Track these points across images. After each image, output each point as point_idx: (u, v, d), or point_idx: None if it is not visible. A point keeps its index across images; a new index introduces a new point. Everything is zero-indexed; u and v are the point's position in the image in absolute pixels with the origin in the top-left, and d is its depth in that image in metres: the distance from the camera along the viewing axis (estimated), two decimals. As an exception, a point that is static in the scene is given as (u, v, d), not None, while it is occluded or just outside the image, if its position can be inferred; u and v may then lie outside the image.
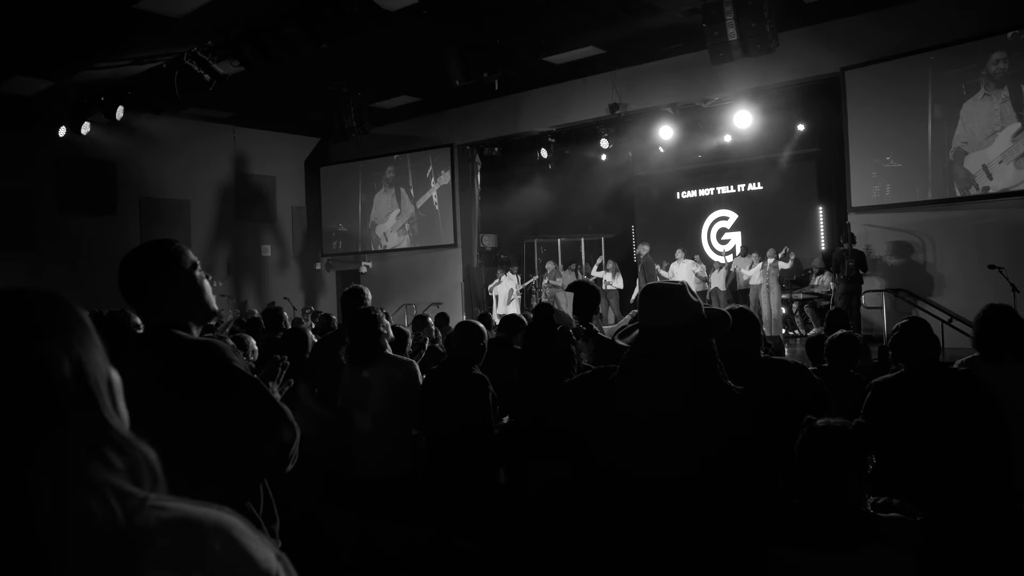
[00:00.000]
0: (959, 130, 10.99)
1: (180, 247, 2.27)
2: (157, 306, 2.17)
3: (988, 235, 10.85)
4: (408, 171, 17.50)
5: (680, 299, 2.21)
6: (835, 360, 4.50)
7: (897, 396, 3.47)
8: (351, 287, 4.81)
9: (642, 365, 2.19)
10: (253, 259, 17.73)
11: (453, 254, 17.13)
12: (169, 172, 15.81)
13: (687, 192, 17.89)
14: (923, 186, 11.33)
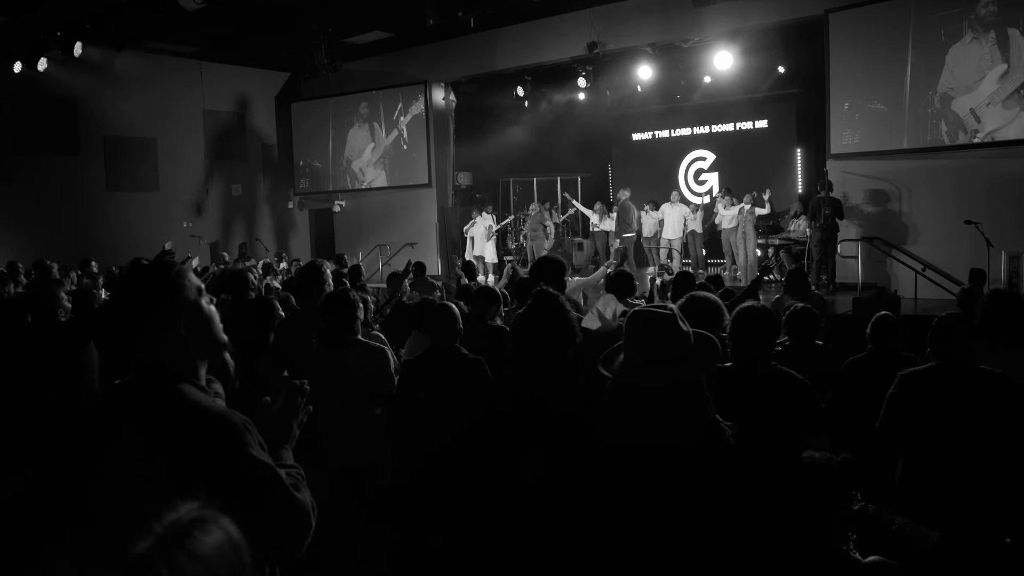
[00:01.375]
0: (945, 76, 10.85)
1: (182, 271, 1.88)
2: (155, 347, 1.80)
3: (967, 185, 10.82)
4: (380, 108, 17.08)
5: (669, 331, 2.10)
6: (796, 334, 4.44)
7: (927, 392, 3.36)
8: (309, 263, 4.61)
9: (624, 399, 2.11)
10: (224, 198, 17.37)
11: (427, 194, 16.88)
12: (133, 109, 15.30)
13: (664, 132, 17.65)
14: (903, 134, 11.24)
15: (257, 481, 1.68)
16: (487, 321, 4.53)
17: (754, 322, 2.97)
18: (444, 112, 16.78)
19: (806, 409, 2.89)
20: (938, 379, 3.35)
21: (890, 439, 3.41)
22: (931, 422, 3.30)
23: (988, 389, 3.28)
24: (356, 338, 3.80)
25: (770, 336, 2.99)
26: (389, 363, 3.79)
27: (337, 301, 3.78)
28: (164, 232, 15.76)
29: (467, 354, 3.65)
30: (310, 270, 4.39)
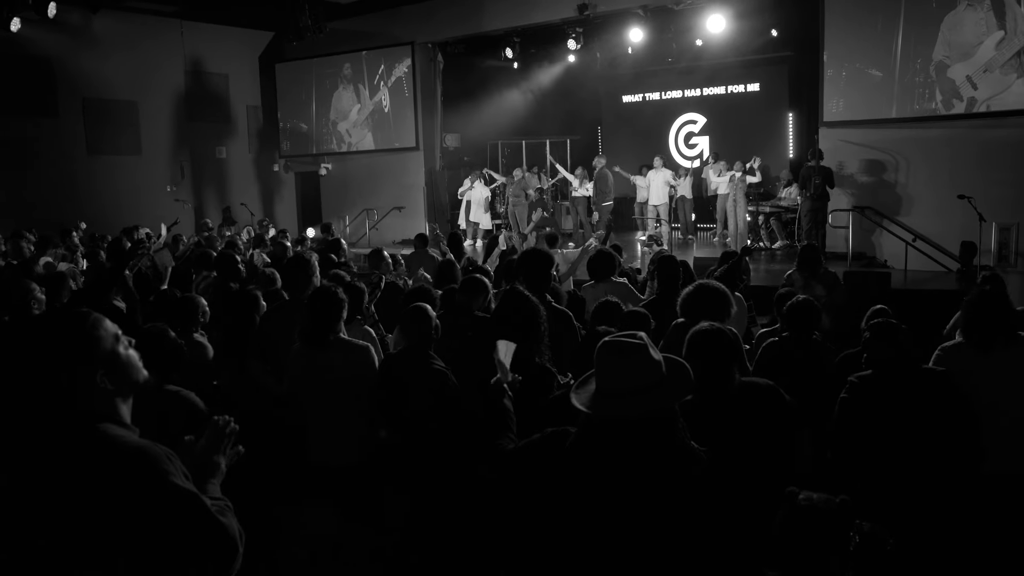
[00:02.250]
0: (940, 44, 10.70)
1: (96, 320, 1.85)
2: (71, 399, 1.78)
3: (960, 155, 10.73)
4: (364, 70, 16.75)
5: (640, 360, 2.03)
6: (794, 326, 4.39)
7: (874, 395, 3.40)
8: (295, 256, 4.49)
9: (595, 436, 2.04)
10: (208, 162, 17.08)
11: (414, 157, 16.65)
12: (114, 71, 14.93)
13: (655, 94, 17.43)
14: (897, 102, 11.09)
15: (179, 508, 1.73)
16: (474, 312, 4.43)
17: (706, 346, 2.91)
18: (431, 74, 16.47)
19: (779, 414, 2.86)
20: (883, 382, 3.44)
21: (843, 442, 3.45)
22: (880, 425, 3.37)
23: (930, 388, 3.38)
24: (339, 336, 3.71)
25: (725, 357, 2.93)
26: (372, 364, 3.71)
27: (322, 298, 3.68)
28: (147, 196, 15.56)
29: (434, 363, 3.55)
30: (298, 263, 4.28)
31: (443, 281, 6.76)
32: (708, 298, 4.28)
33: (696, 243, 15.16)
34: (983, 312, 3.75)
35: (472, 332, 4.26)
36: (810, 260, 7.07)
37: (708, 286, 4.31)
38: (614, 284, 6.10)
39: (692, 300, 4.33)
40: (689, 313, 4.37)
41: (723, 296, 4.30)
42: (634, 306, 6.13)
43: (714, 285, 4.32)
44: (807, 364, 4.22)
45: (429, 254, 9.01)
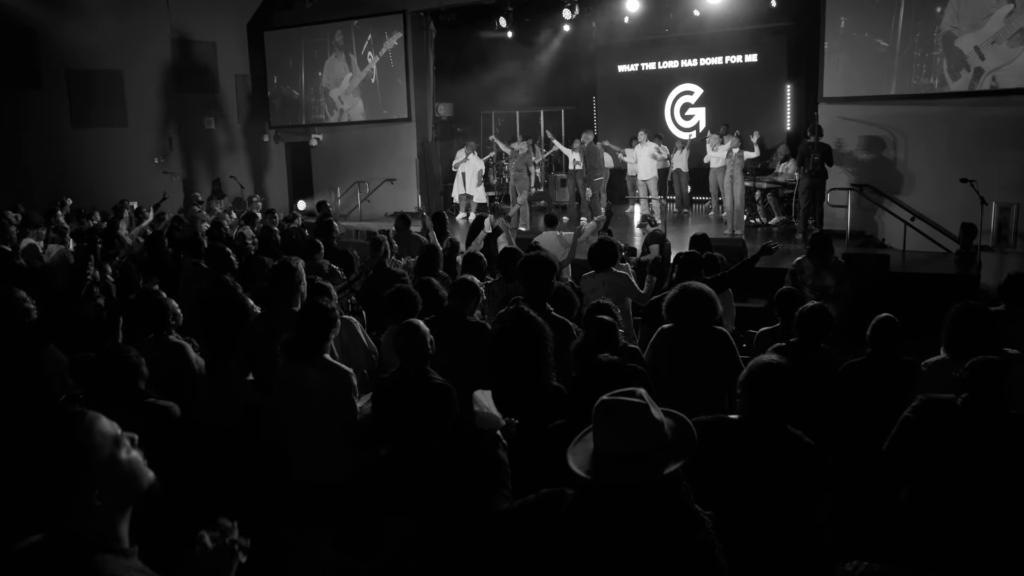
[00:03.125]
0: (948, 13, 10.47)
1: (90, 424, 1.58)
2: (63, 519, 1.54)
3: (962, 132, 10.55)
4: (354, 40, 16.38)
5: (641, 423, 1.90)
6: (805, 334, 4.25)
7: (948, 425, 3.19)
8: (283, 262, 4.30)
9: (594, 500, 1.92)
10: (196, 132, 16.75)
11: (407, 128, 16.37)
12: (98, 40, 14.50)
13: (651, 64, 17.11)
14: (898, 77, 10.87)
15: None
16: (466, 316, 4.29)
17: (772, 382, 2.75)
18: (423, 44, 16.12)
19: (812, 476, 2.70)
20: (963, 416, 3.17)
21: (900, 465, 3.27)
22: (948, 454, 3.14)
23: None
24: (323, 356, 3.57)
25: (786, 397, 2.77)
26: (351, 389, 3.56)
27: (314, 314, 3.52)
28: (135, 169, 15.28)
29: (434, 379, 3.39)
30: (284, 271, 4.10)
31: (424, 269, 6.61)
32: (693, 302, 4.15)
33: (691, 216, 15.00)
34: (965, 326, 3.61)
35: (466, 343, 4.12)
36: (822, 248, 6.90)
37: (692, 289, 4.18)
38: (615, 275, 5.97)
39: (677, 304, 4.20)
40: (675, 317, 4.24)
41: (708, 299, 4.17)
42: (634, 300, 6.03)
43: (697, 287, 4.19)
44: (815, 376, 4.08)
45: (413, 235, 8.81)
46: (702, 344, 4.15)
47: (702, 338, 4.16)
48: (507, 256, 5.75)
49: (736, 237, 10.53)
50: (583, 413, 2.16)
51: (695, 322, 4.15)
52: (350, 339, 4.35)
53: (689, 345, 4.15)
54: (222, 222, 9.35)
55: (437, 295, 4.62)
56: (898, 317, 8.35)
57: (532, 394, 3.09)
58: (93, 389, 3.44)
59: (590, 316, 4.20)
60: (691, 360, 4.13)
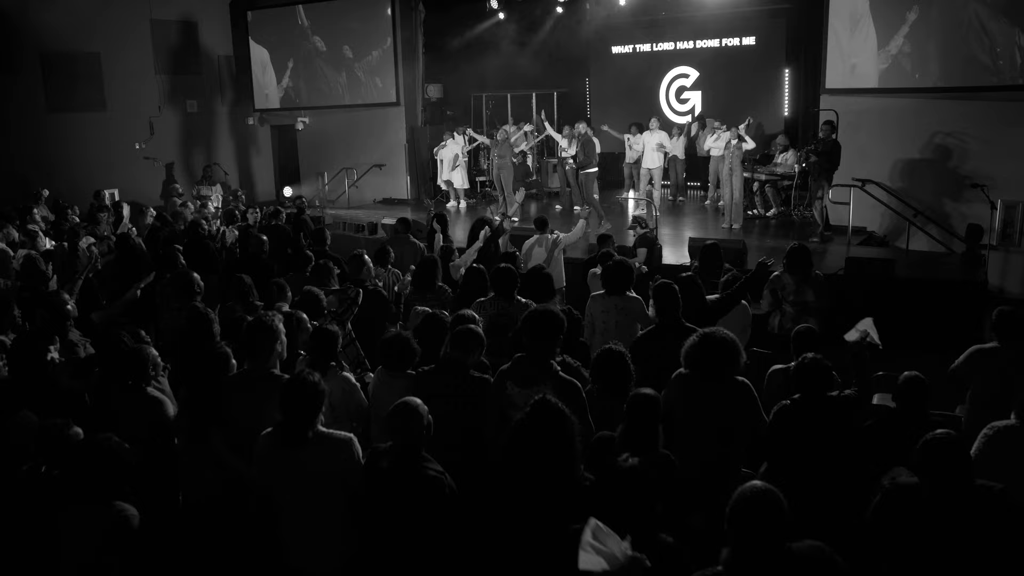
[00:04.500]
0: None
1: None
2: None
3: (967, 128, 10.25)
4: (340, 21, 15.87)
5: None
6: (808, 389, 3.92)
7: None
8: (258, 320, 3.86)
9: None
10: (178, 116, 16.26)
11: (396, 113, 15.94)
12: (73, 21, 13.97)
13: (646, 46, 16.66)
14: (905, 69, 10.53)
15: None
16: (469, 370, 3.94)
17: (759, 512, 2.46)
18: (412, 24, 15.63)
19: None
20: None
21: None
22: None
23: None
24: (318, 431, 3.23)
25: (780, 527, 2.47)
26: (356, 459, 3.23)
27: (297, 394, 3.16)
28: (114, 155, 14.81)
29: (428, 468, 3.05)
30: (259, 328, 3.73)
31: (422, 284, 6.27)
32: (716, 352, 3.85)
33: (686, 204, 14.68)
34: None
35: (468, 400, 3.81)
36: (802, 263, 6.62)
37: (716, 337, 3.86)
38: (628, 300, 5.65)
39: (698, 353, 3.89)
40: (694, 366, 3.95)
41: (732, 349, 3.87)
42: (643, 327, 5.72)
43: (722, 336, 3.87)
44: (822, 426, 3.79)
45: (411, 241, 8.46)
46: (722, 396, 3.86)
47: (722, 390, 3.87)
48: (501, 276, 5.43)
49: (736, 238, 10.21)
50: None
51: (716, 373, 3.86)
52: (342, 398, 4.03)
53: (708, 396, 3.87)
54: (201, 222, 8.95)
55: (439, 339, 4.30)
56: (905, 327, 8.18)
57: (556, 492, 2.80)
58: (63, 476, 3.13)
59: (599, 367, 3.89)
60: (709, 412, 3.85)
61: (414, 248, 8.33)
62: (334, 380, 4.05)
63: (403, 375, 4.00)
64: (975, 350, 4.85)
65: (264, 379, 3.68)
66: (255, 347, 3.73)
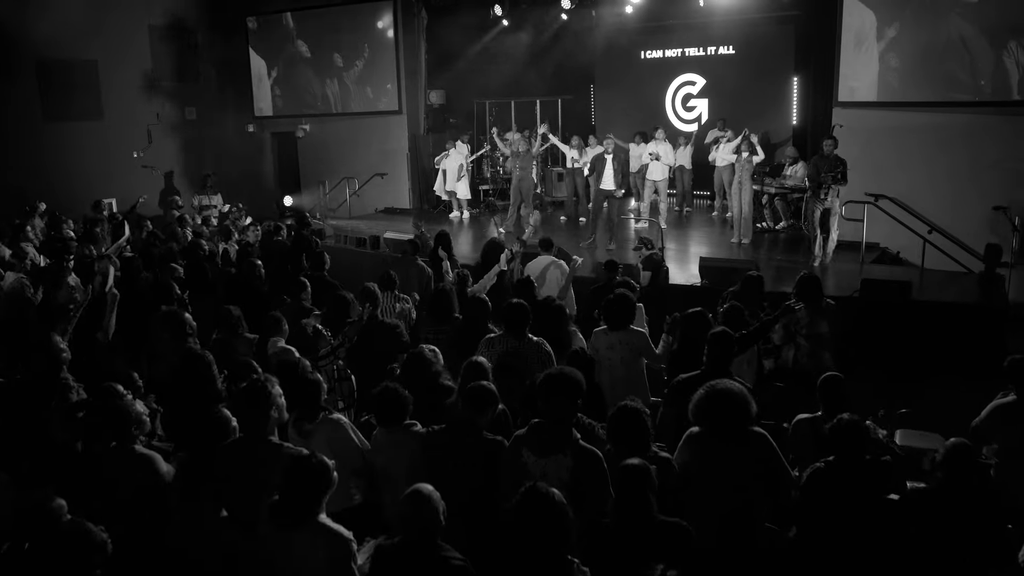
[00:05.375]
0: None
1: None
2: None
3: (982, 143, 10.01)
4: (342, 27, 15.63)
5: None
6: (843, 451, 3.66)
7: None
8: (252, 384, 3.58)
9: None
10: (176, 124, 16.00)
11: (397, 121, 15.70)
12: (70, 29, 13.68)
13: (652, 53, 16.40)
14: (921, 82, 10.26)
15: None
16: (482, 432, 3.70)
17: None
18: (414, 31, 15.38)
19: None
20: None
21: None
22: None
23: None
24: (318, 520, 2.98)
25: None
26: (349, 559, 2.97)
27: (300, 474, 2.91)
28: (112, 164, 14.58)
29: (450, 559, 2.81)
30: (253, 396, 3.48)
31: (437, 317, 6.01)
32: (723, 406, 3.60)
33: (693, 215, 14.42)
34: None
35: (480, 465, 3.57)
36: (813, 293, 6.39)
37: (725, 392, 3.60)
38: (632, 333, 5.45)
39: (707, 409, 3.64)
40: (704, 422, 3.70)
41: (741, 402, 3.62)
42: (649, 361, 5.49)
43: (725, 388, 3.62)
44: (861, 490, 3.55)
45: (418, 264, 8.18)
46: (738, 452, 3.62)
47: (737, 445, 3.63)
48: (513, 312, 5.16)
49: (747, 259, 9.97)
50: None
51: (728, 428, 3.62)
52: (339, 442, 3.81)
53: (723, 454, 3.62)
54: (201, 242, 8.71)
55: (442, 394, 4.06)
56: (922, 352, 7.94)
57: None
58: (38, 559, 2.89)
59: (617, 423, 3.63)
60: (727, 470, 3.61)
61: (421, 271, 8.07)
62: (326, 425, 3.92)
63: (404, 430, 3.77)
64: (996, 407, 4.75)
65: (261, 448, 3.44)
66: (249, 417, 3.49)
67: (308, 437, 3.85)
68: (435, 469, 3.54)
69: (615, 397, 5.30)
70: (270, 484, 3.11)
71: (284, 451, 3.40)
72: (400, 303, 7.04)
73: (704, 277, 9.09)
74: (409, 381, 4.23)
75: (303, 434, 3.88)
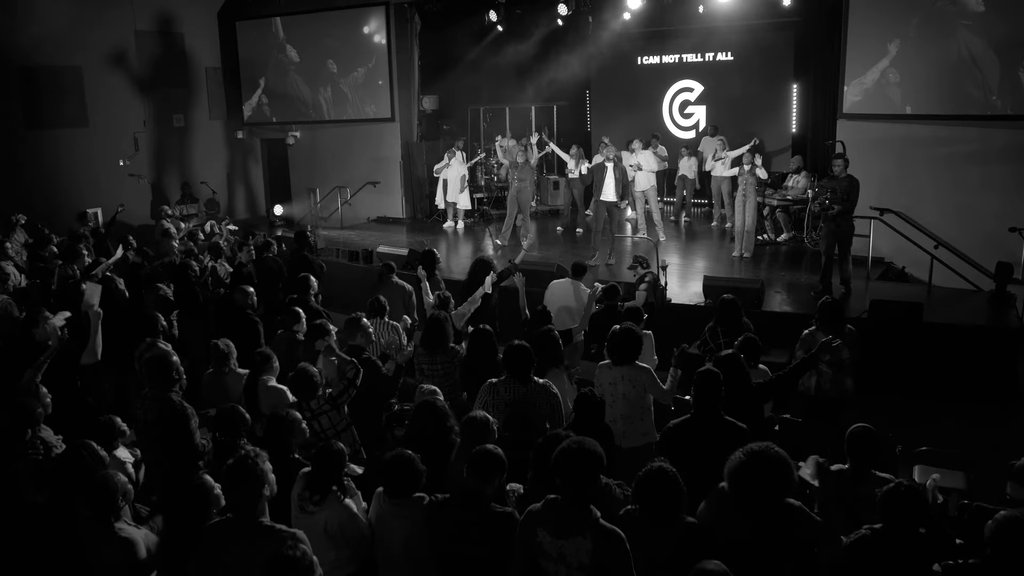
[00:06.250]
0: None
1: None
2: None
3: (992, 158, 9.80)
4: (333, 33, 15.31)
5: None
6: (894, 521, 3.40)
7: None
8: (239, 461, 3.23)
9: None
10: (164, 131, 15.64)
11: (390, 128, 15.39)
12: (53, 34, 13.37)
13: (649, 59, 16.15)
14: (931, 94, 10.03)
15: None
16: (489, 503, 3.34)
17: None
18: (407, 37, 15.07)
19: None
20: None
21: None
22: None
23: None
24: None
25: None
26: None
27: (284, 571, 2.64)
28: (98, 173, 14.24)
29: None
30: (241, 474, 3.15)
31: (432, 346, 5.74)
32: (768, 476, 3.32)
33: (692, 225, 14.14)
34: None
35: (490, 539, 3.29)
36: (836, 319, 6.31)
37: (768, 456, 3.32)
38: (637, 369, 5.19)
39: (745, 474, 3.35)
40: (739, 487, 3.42)
41: (787, 472, 3.35)
42: (656, 397, 5.23)
43: (776, 456, 3.34)
44: (913, 561, 3.27)
45: (397, 285, 7.85)
46: (772, 523, 3.35)
47: (772, 516, 3.36)
48: (516, 356, 4.88)
49: (751, 277, 9.72)
50: None
51: (767, 499, 3.35)
52: (348, 528, 3.52)
53: (755, 522, 3.35)
54: (191, 263, 8.38)
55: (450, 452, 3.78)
56: (932, 374, 7.72)
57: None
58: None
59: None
60: (757, 538, 3.34)
61: (401, 292, 7.76)
62: (333, 508, 3.54)
63: (413, 503, 3.47)
64: None
65: (249, 531, 3.13)
66: (237, 496, 3.18)
67: (312, 515, 3.54)
68: (439, 545, 3.26)
69: (618, 434, 5.08)
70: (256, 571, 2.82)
71: (276, 534, 3.10)
72: (390, 333, 6.74)
73: (708, 296, 8.85)
74: (419, 435, 3.97)
75: (307, 512, 3.55)
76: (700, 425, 4.30)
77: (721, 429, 4.24)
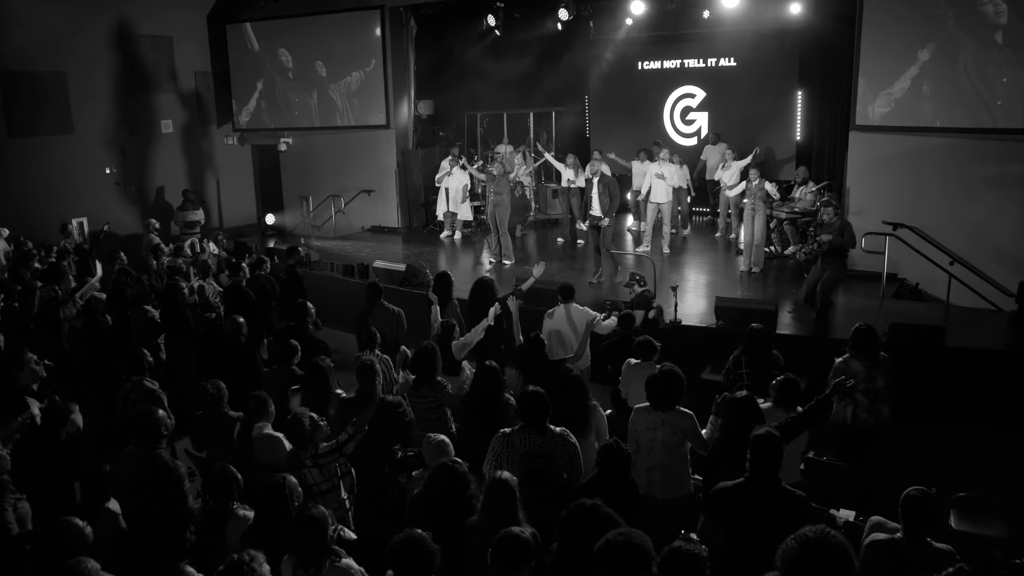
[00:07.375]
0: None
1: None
2: None
3: (1008, 173, 9.46)
4: (326, 38, 14.89)
5: None
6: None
7: None
8: (228, 567, 2.90)
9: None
10: (151, 137, 15.17)
11: (385, 135, 14.99)
12: (36, 38, 12.90)
13: (650, 64, 15.80)
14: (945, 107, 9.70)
15: None
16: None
17: None
18: (403, 42, 14.68)
19: None
20: None
21: None
22: None
23: None
24: None
25: None
26: None
27: None
28: (83, 182, 13.80)
29: None
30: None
31: (420, 379, 5.40)
32: (825, 567, 2.96)
33: (692, 238, 13.77)
34: None
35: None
36: (871, 346, 6.01)
37: (826, 547, 2.95)
38: (680, 415, 4.84)
39: (801, 564, 2.99)
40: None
41: (845, 561, 2.98)
42: (695, 447, 4.88)
43: (835, 545, 2.97)
44: None
45: (385, 308, 7.43)
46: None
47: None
48: (531, 404, 4.51)
49: (765, 299, 9.38)
50: None
51: None
52: None
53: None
54: (180, 285, 7.96)
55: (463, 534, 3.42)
56: (954, 401, 7.43)
57: None
58: None
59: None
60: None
61: (388, 316, 7.33)
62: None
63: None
64: None
65: None
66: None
67: None
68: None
69: (652, 483, 4.76)
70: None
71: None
72: (381, 366, 6.36)
73: (720, 318, 8.51)
74: (436, 503, 3.61)
75: None
76: (755, 492, 3.91)
77: (779, 498, 3.87)
